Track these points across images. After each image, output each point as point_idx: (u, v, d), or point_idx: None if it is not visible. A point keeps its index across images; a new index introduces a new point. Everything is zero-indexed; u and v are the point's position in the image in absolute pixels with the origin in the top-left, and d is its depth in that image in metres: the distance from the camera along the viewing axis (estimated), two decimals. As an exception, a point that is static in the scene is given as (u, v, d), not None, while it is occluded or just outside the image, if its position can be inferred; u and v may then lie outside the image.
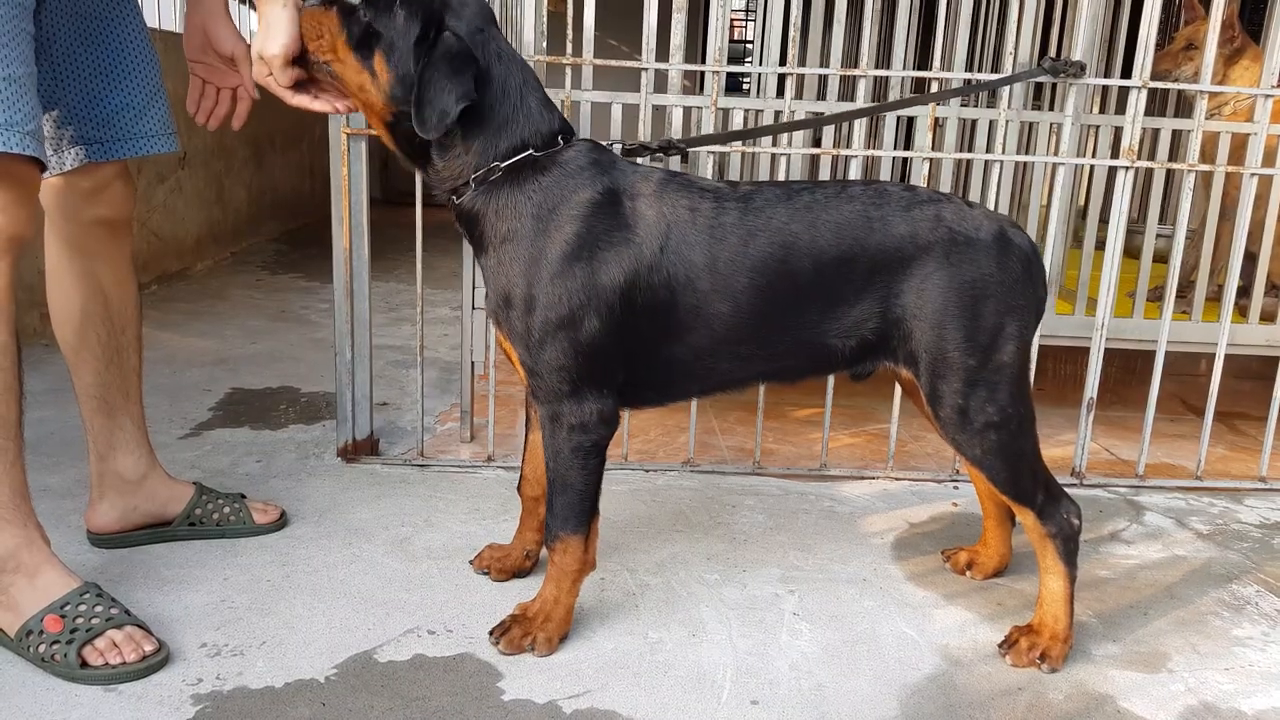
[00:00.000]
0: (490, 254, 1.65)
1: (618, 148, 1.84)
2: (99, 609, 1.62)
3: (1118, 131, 2.62)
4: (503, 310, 1.65)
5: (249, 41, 1.79)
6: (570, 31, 2.43)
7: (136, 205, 1.96)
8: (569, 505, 1.69)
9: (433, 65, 1.54)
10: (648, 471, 2.58)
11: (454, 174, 1.64)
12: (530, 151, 1.63)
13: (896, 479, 2.61)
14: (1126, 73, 2.62)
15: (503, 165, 1.62)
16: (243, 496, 2.13)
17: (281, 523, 2.13)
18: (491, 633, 1.73)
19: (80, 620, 1.59)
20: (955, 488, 2.57)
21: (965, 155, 2.68)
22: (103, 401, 1.94)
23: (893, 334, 1.69)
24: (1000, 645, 1.77)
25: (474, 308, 2.61)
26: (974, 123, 2.89)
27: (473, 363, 2.70)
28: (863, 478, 2.61)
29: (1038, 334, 2.54)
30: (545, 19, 2.53)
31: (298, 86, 1.65)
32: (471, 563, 2.00)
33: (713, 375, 1.73)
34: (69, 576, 1.65)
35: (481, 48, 1.60)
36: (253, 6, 1.76)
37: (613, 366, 1.66)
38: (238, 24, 1.90)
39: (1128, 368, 3.86)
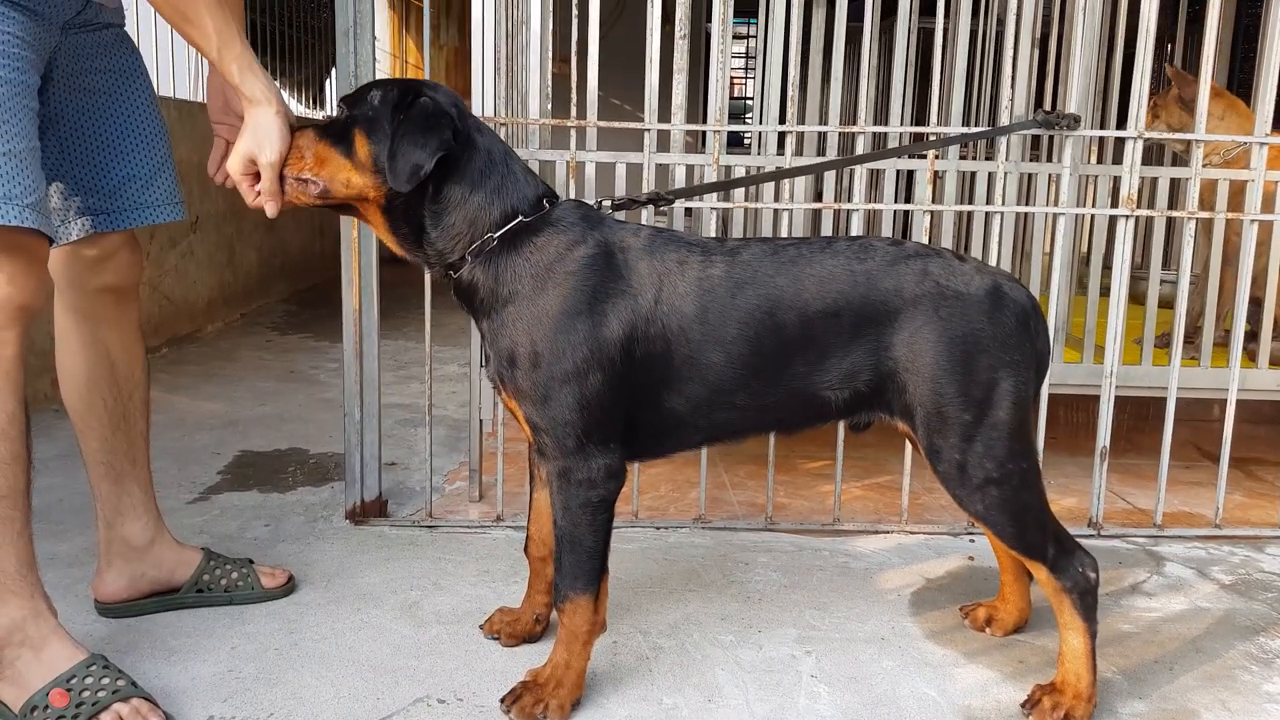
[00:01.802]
0: (493, 318, 1.66)
1: (603, 205, 1.86)
2: (105, 681, 1.60)
3: (1116, 180, 2.64)
4: (508, 370, 1.66)
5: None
6: (574, 94, 2.47)
7: (148, 269, 1.98)
8: (578, 564, 1.67)
9: (408, 121, 1.58)
10: (658, 529, 2.56)
11: (448, 248, 1.66)
12: (520, 219, 1.66)
13: (911, 533, 2.58)
14: (1119, 123, 2.65)
15: (496, 236, 1.65)
16: (250, 561, 2.11)
17: (289, 587, 2.11)
18: (503, 701, 1.70)
19: (86, 694, 1.57)
20: (971, 540, 2.54)
21: (966, 207, 2.70)
22: (109, 467, 1.93)
23: (886, 387, 1.69)
24: (1023, 705, 1.74)
25: (482, 365, 2.61)
26: (973, 175, 2.91)
27: (481, 420, 2.69)
28: (876, 532, 2.58)
29: (1045, 386, 2.53)
30: (550, 82, 2.57)
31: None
32: (481, 627, 1.97)
33: (710, 425, 1.73)
34: (75, 648, 1.63)
35: (459, 117, 1.64)
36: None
37: (617, 420, 1.66)
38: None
39: (1139, 414, 3.84)
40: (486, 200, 1.65)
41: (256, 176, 1.65)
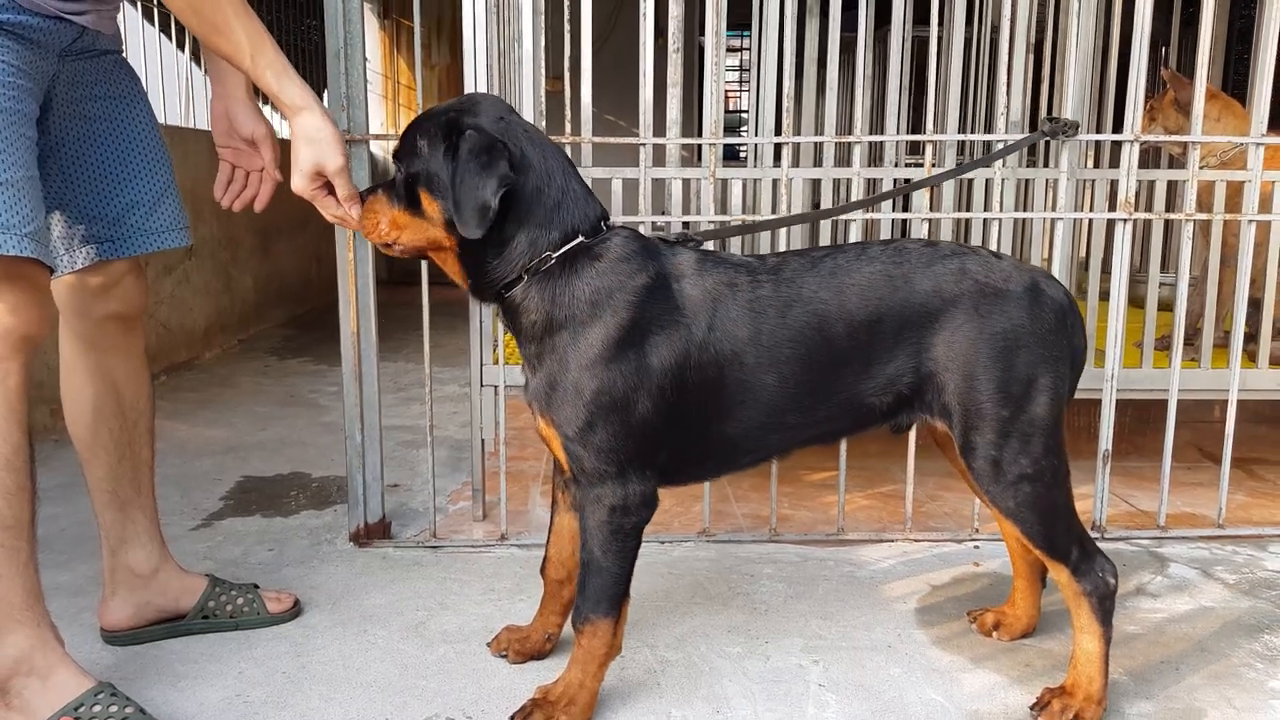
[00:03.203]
0: (543, 341, 1.63)
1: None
2: (114, 709, 1.59)
3: (1114, 184, 2.65)
4: (549, 394, 1.63)
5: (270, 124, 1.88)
6: (568, 111, 2.48)
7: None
8: (602, 588, 1.66)
9: (461, 165, 1.54)
10: (663, 543, 2.55)
11: (509, 270, 1.64)
12: (581, 239, 1.63)
13: (916, 540, 2.57)
14: (1115, 126, 2.65)
15: (555, 255, 1.62)
16: (256, 586, 2.11)
17: (295, 611, 2.11)
18: (513, 717, 1.69)
19: (95, 721, 1.57)
20: (976, 547, 2.54)
21: (964, 215, 2.71)
22: (114, 495, 1.93)
23: (926, 387, 1.70)
24: (1032, 707, 1.73)
25: (482, 385, 2.61)
26: (970, 182, 2.92)
27: (483, 440, 2.69)
28: (881, 540, 2.58)
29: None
30: (544, 99, 2.58)
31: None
32: (489, 645, 1.97)
33: (762, 446, 1.74)
34: (83, 677, 1.63)
35: (508, 135, 1.60)
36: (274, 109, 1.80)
37: (659, 448, 1.65)
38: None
39: (1141, 417, 3.84)
40: (546, 218, 1.62)
41: (324, 187, 1.68)
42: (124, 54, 1.86)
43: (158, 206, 1.86)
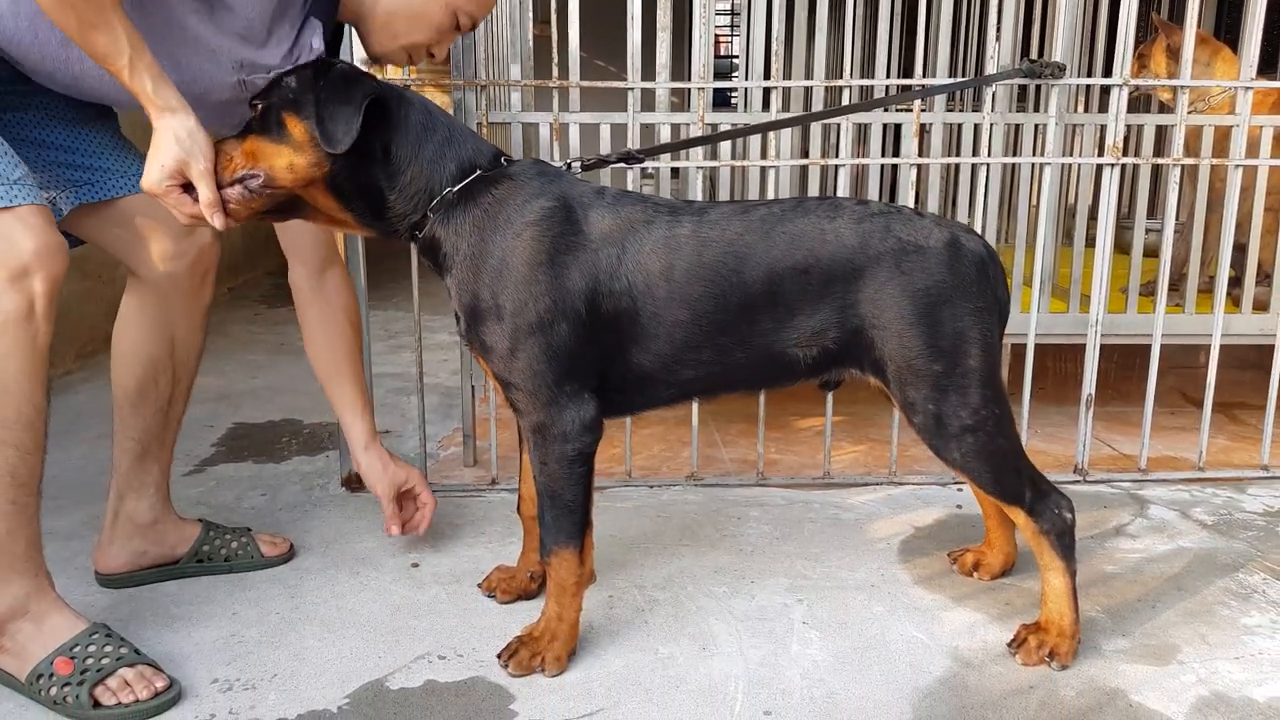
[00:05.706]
0: (455, 273, 1.67)
1: (573, 165, 1.86)
2: (108, 648, 1.62)
3: (1102, 129, 2.64)
4: (472, 326, 1.67)
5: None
6: (555, 55, 2.46)
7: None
8: (559, 518, 1.69)
9: (328, 85, 1.56)
10: (652, 488, 2.58)
11: (410, 208, 1.66)
12: (479, 171, 1.67)
13: (900, 484, 2.61)
14: (1106, 72, 2.64)
15: (455, 190, 1.65)
16: (249, 530, 2.13)
17: (290, 554, 2.14)
18: (500, 655, 1.73)
19: (90, 660, 1.59)
20: (958, 489, 2.58)
21: (952, 160, 2.70)
22: (138, 443, 1.95)
23: (855, 344, 1.71)
24: (1009, 644, 1.78)
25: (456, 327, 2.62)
26: (960, 127, 2.91)
27: (473, 387, 2.71)
28: (866, 484, 2.61)
29: (1032, 336, 2.56)
30: (530, 43, 2.55)
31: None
32: (480, 585, 2.00)
33: (679, 381, 1.74)
34: (76, 619, 1.66)
35: (381, 83, 1.63)
36: None
37: (587, 372, 1.67)
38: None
39: (1125, 363, 3.87)
40: (438, 153, 1.65)
41: (183, 189, 1.58)
42: None
43: (124, 148, 1.84)
